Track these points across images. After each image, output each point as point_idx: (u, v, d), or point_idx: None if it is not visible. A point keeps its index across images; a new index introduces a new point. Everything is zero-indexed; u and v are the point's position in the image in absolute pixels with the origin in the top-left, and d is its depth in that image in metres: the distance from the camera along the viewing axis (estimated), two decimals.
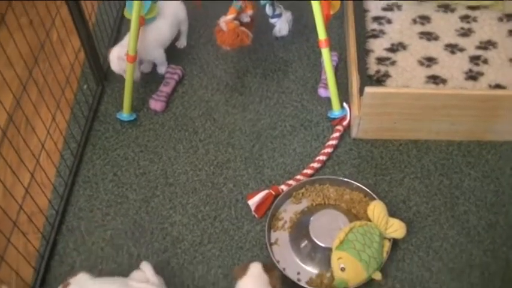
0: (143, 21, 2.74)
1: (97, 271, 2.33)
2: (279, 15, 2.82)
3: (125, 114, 2.81)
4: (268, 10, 2.78)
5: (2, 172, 2.53)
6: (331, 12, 2.66)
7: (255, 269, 2.06)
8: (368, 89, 2.49)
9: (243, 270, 2.07)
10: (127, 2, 2.73)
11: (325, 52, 2.59)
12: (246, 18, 2.78)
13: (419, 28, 2.98)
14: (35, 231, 2.41)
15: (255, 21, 2.84)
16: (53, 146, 2.62)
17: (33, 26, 2.47)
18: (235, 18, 2.72)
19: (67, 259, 2.38)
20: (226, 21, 2.70)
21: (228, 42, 2.73)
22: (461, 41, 2.91)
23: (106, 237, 2.44)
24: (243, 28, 2.73)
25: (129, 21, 2.67)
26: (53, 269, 2.36)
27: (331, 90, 2.68)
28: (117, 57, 2.71)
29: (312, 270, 2.29)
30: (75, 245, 2.43)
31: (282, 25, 2.86)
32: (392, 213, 2.36)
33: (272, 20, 2.84)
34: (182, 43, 3.15)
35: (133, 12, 2.59)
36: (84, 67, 2.99)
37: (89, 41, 2.78)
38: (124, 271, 2.27)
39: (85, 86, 2.91)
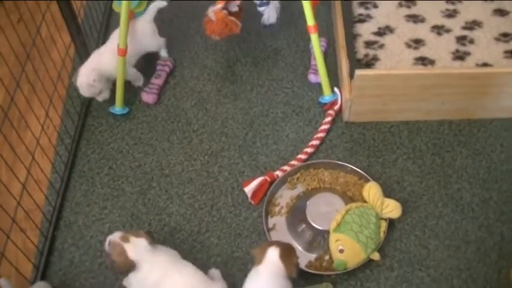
0: (132, 15, 2.74)
1: (97, 264, 2.35)
2: (267, 3, 2.82)
3: (118, 108, 2.81)
4: None
5: None
6: (316, 2, 2.68)
7: (272, 255, 2.03)
8: (358, 72, 2.50)
9: (260, 253, 2.05)
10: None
11: (314, 38, 2.60)
12: (234, 8, 2.78)
13: (405, 11, 3.01)
14: (32, 228, 2.43)
15: (243, 10, 2.85)
16: (47, 142, 2.63)
17: (23, 22, 2.47)
18: (224, 8, 2.72)
19: (66, 254, 2.39)
20: (214, 11, 2.70)
21: (217, 31, 2.74)
22: (447, 22, 2.94)
23: (104, 231, 2.45)
24: (231, 17, 2.74)
25: (117, 14, 2.68)
26: (53, 264, 2.37)
27: (321, 76, 2.70)
28: (86, 84, 2.69)
29: (310, 253, 2.32)
30: (73, 240, 2.44)
31: (270, 13, 2.86)
32: (387, 193, 2.38)
33: (260, 9, 2.84)
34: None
35: (122, 5, 2.59)
36: (75, 62, 2.99)
37: (79, 37, 2.79)
38: None
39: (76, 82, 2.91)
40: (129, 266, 2.06)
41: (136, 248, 2.07)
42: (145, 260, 2.07)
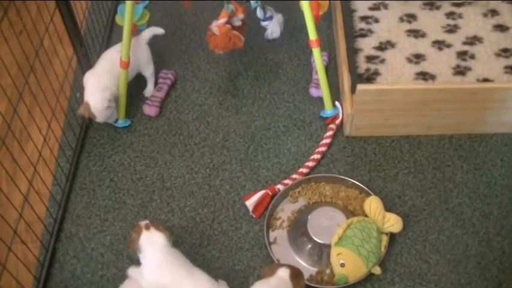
0: (135, 28, 2.75)
1: (98, 277, 2.35)
2: (270, 18, 2.83)
3: (120, 121, 2.82)
4: (259, 13, 2.79)
5: None
6: (320, 13, 2.69)
7: (283, 273, 2.05)
8: (360, 87, 2.52)
9: (271, 271, 2.07)
10: (118, 8, 2.75)
11: (316, 52, 2.61)
12: (237, 22, 2.79)
13: (406, 26, 3.01)
14: (33, 240, 2.43)
15: (246, 24, 2.86)
16: (49, 154, 2.64)
17: (26, 33, 2.48)
18: (227, 22, 2.74)
19: (67, 266, 2.40)
20: (218, 25, 2.71)
21: (221, 46, 2.75)
22: (448, 37, 2.94)
23: (105, 243, 2.45)
24: (235, 31, 2.75)
25: (120, 27, 2.69)
26: (54, 276, 2.38)
27: (323, 90, 2.71)
28: (103, 108, 2.65)
29: (311, 267, 2.32)
30: (74, 252, 2.44)
31: (273, 27, 2.87)
32: (388, 208, 2.39)
33: (263, 23, 2.85)
34: (148, 91, 2.98)
35: (125, 18, 2.60)
36: (77, 75, 2.99)
37: (82, 49, 2.79)
38: (125, 276, 2.28)
39: (78, 94, 2.92)
40: (136, 248, 2.16)
41: (150, 238, 2.15)
42: (150, 253, 2.15)
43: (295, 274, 2.07)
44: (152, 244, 2.16)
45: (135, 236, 2.17)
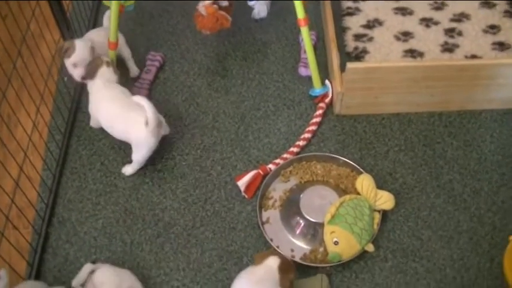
0: (122, 9, 2.74)
1: (91, 261, 2.34)
2: None
3: None
4: None
5: None
6: None
7: (272, 262, 2.04)
8: (350, 65, 2.52)
9: (262, 258, 2.07)
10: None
11: (304, 31, 2.61)
12: (224, 2, 2.78)
13: (393, 4, 3.02)
14: (25, 225, 2.42)
15: (233, 5, 2.85)
16: (38, 139, 2.63)
17: (14, 18, 2.46)
18: (214, 3, 2.73)
19: (60, 251, 2.39)
20: (205, 5, 2.71)
21: (208, 26, 2.74)
22: (436, 15, 2.95)
23: (98, 227, 2.45)
24: (222, 12, 2.74)
25: (106, 9, 2.68)
26: (47, 261, 2.37)
27: (311, 68, 2.70)
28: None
29: (305, 246, 2.33)
30: (67, 236, 2.43)
31: (260, 7, 2.87)
32: (379, 185, 2.40)
33: (250, 3, 2.85)
34: (133, 72, 2.98)
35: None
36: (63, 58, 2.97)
37: (69, 32, 2.78)
38: (119, 259, 2.31)
39: (65, 78, 2.90)
40: (90, 78, 2.59)
41: (106, 74, 2.58)
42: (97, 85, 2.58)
43: (285, 266, 2.05)
44: (103, 79, 2.57)
45: (95, 67, 2.57)
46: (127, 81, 2.84)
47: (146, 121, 2.42)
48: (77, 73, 2.62)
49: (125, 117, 2.49)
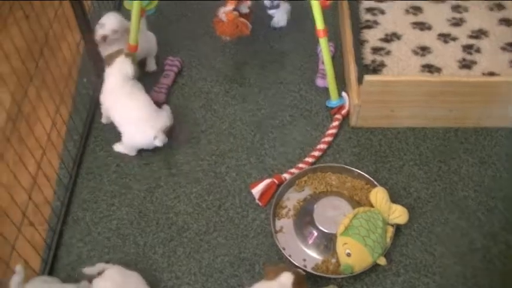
0: (143, 13, 2.76)
1: (104, 261, 2.35)
2: (277, 6, 2.84)
3: None
4: (267, 1, 2.81)
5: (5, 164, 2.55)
6: (327, 2, 2.70)
7: (286, 279, 2.03)
8: (367, 77, 2.53)
9: (275, 273, 2.06)
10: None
11: (323, 42, 2.62)
12: (244, 9, 2.80)
13: (412, 18, 3.03)
14: (41, 222, 2.43)
15: (253, 12, 2.87)
16: (56, 137, 2.64)
17: (37, 17, 2.48)
18: (235, 9, 2.74)
19: (74, 249, 2.41)
20: (225, 11, 2.72)
21: (228, 32, 2.75)
22: (454, 31, 2.96)
23: (112, 227, 2.46)
24: (242, 19, 2.75)
25: (127, 12, 2.70)
26: (61, 259, 2.39)
27: (329, 80, 2.72)
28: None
29: (317, 256, 2.33)
30: (81, 235, 2.45)
31: (280, 16, 2.88)
32: (393, 199, 2.40)
33: (270, 11, 2.86)
34: (151, 67, 3.06)
35: (133, 3, 2.62)
36: (83, 60, 3.00)
37: (89, 34, 2.79)
38: (131, 260, 2.32)
39: (84, 79, 2.92)
40: (108, 64, 2.66)
41: (122, 63, 2.63)
42: (112, 74, 2.64)
43: (299, 281, 2.05)
44: (118, 69, 2.62)
45: (114, 55, 2.63)
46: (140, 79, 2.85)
47: (155, 136, 2.55)
48: (100, 32, 2.73)
49: (138, 124, 2.59)
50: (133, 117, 2.60)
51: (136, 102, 2.62)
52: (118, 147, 2.71)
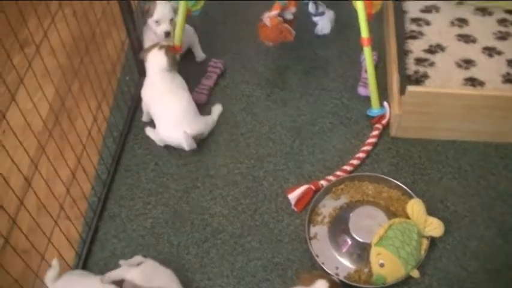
0: (190, 13, 2.78)
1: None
2: (322, 14, 2.85)
3: None
4: (311, 8, 2.82)
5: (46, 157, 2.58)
6: (373, 12, 2.70)
7: (320, 286, 2.04)
8: (410, 88, 2.52)
9: (309, 280, 2.06)
10: None
11: (367, 50, 2.62)
12: (289, 15, 2.81)
13: (457, 30, 3.01)
14: (77, 217, 2.47)
15: (297, 19, 2.87)
16: (96, 133, 2.67)
17: (85, 14, 2.51)
18: (279, 15, 2.75)
19: (108, 245, 2.43)
20: (270, 17, 2.73)
21: (271, 37, 2.77)
22: (499, 44, 2.93)
23: (147, 226, 2.48)
24: (286, 25, 2.77)
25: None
26: (94, 254, 2.41)
27: (371, 89, 2.71)
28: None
29: (350, 265, 2.32)
30: (116, 231, 2.47)
31: (324, 23, 2.88)
32: (429, 212, 2.38)
33: (315, 18, 2.87)
34: (200, 56, 3.14)
35: (180, 4, 2.66)
36: (128, 57, 3.03)
37: (135, 33, 2.82)
38: (165, 259, 2.33)
39: (127, 77, 2.95)
40: (144, 58, 2.74)
41: (156, 57, 2.70)
42: (150, 68, 2.72)
43: None
44: (153, 62, 2.68)
45: (149, 49, 2.70)
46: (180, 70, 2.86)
47: (186, 139, 2.59)
48: (160, 29, 2.80)
49: (173, 123, 2.64)
50: (170, 116, 2.64)
51: (176, 101, 2.65)
52: (149, 132, 2.77)
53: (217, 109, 2.83)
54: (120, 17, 2.74)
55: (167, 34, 2.78)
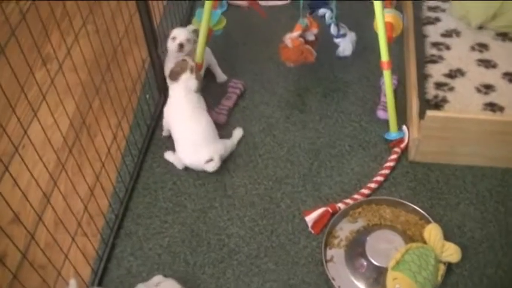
0: (211, 33, 2.80)
1: (153, 276, 2.37)
2: (344, 35, 2.85)
3: None
4: (333, 30, 2.82)
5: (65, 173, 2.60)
6: (393, 35, 2.70)
7: None
8: (429, 113, 2.52)
9: None
10: (197, 12, 2.81)
11: (386, 74, 2.62)
12: (310, 36, 2.82)
13: (477, 55, 3.00)
14: (94, 234, 2.48)
15: (319, 40, 2.88)
16: (115, 151, 2.69)
17: (108, 31, 2.52)
18: (301, 36, 2.76)
19: (124, 263, 2.44)
20: (291, 38, 2.74)
21: (293, 58, 2.78)
22: None
23: (163, 244, 2.49)
24: (307, 46, 2.78)
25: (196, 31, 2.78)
26: (110, 271, 2.42)
27: (390, 112, 2.71)
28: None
29: None
30: (132, 249, 2.48)
31: (346, 45, 2.89)
32: (446, 237, 2.36)
33: (336, 40, 2.87)
34: (221, 77, 3.16)
35: (202, 22, 2.67)
36: (149, 76, 3.04)
37: (156, 51, 2.84)
38: (180, 279, 2.32)
39: (147, 96, 2.97)
40: (174, 80, 2.73)
41: (187, 80, 2.70)
42: (176, 90, 2.72)
43: None
44: (184, 85, 2.69)
45: (179, 71, 2.69)
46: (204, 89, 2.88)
47: (209, 160, 2.62)
48: (175, 43, 2.82)
49: (192, 146, 2.67)
50: (190, 138, 2.65)
51: (196, 124, 2.67)
52: (169, 156, 2.78)
53: (238, 133, 2.84)
54: (142, 35, 2.76)
55: (180, 46, 2.79)
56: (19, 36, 2.05)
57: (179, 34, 2.81)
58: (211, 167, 2.63)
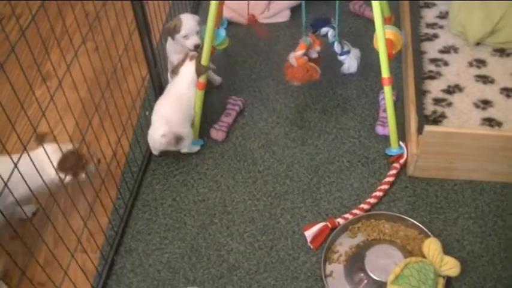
0: (214, 51, 2.81)
1: None
2: (348, 52, 2.86)
3: (194, 140, 2.89)
4: (337, 48, 2.83)
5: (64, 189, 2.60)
6: (394, 51, 2.72)
7: None
8: (428, 128, 2.53)
9: None
10: (202, 28, 2.82)
11: (387, 90, 2.63)
12: (314, 54, 2.84)
13: (475, 71, 3.01)
14: (94, 250, 2.48)
15: (322, 57, 2.90)
16: (115, 168, 2.70)
17: (107, 48, 2.54)
18: (305, 54, 2.78)
19: (124, 279, 2.44)
20: (296, 57, 2.76)
21: (298, 77, 2.79)
22: None
23: (163, 261, 2.49)
24: (312, 64, 2.79)
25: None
26: None
27: (390, 128, 2.72)
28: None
29: None
30: (132, 266, 2.48)
31: (350, 62, 2.89)
32: (446, 251, 2.37)
33: (341, 58, 2.87)
34: (216, 81, 3.21)
35: (205, 41, 2.69)
36: (148, 93, 3.08)
37: (155, 69, 2.85)
38: None
39: (147, 113, 2.98)
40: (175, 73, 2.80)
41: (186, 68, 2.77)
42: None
43: None
44: (186, 74, 2.76)
45: (180, 64, 2.78)
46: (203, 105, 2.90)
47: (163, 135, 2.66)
48: (189, 43, 2.85)
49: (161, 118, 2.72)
50: (160, 111, 2.75)
51: (176, 104, 2.74)
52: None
53: None
54: (142, 52, 2.78)
55: (196, 47, 2.82)
56: (19, 54, 2.06)
57: (191, 31, 2.84)
58: (159, 144, 2.71)
